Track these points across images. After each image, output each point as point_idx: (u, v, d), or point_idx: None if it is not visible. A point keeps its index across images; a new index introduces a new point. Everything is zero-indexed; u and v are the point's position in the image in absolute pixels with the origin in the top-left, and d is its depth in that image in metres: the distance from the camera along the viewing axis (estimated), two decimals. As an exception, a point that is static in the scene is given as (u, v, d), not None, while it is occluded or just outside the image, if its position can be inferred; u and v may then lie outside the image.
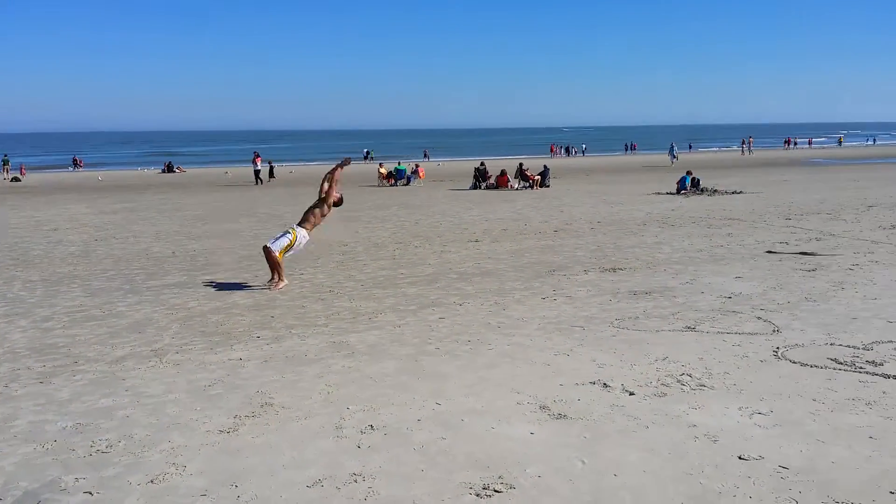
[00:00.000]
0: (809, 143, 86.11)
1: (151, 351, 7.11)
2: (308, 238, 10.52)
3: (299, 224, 10.50)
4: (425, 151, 71.67)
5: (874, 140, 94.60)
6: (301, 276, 11.03)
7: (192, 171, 51.29)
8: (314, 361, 6.64)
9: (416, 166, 36.74)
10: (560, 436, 4.79)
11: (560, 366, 6.31)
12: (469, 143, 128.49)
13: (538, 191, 28.83)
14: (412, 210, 21.67)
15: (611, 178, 36.94)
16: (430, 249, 13.59)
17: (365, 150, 69.40)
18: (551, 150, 73.08)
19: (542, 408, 5.29)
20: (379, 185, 33.57)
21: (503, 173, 30.60)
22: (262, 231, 16.47)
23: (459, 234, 15.84)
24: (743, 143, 68.71)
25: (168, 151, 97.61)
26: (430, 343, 7.17)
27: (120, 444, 4.84)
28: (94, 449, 4.76)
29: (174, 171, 50.38)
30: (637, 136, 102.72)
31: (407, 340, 7.30)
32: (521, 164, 31.95)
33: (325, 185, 10.62)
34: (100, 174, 50.19)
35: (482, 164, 32.51)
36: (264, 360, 6.71)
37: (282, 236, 10.29)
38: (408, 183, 34.14)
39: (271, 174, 38.55)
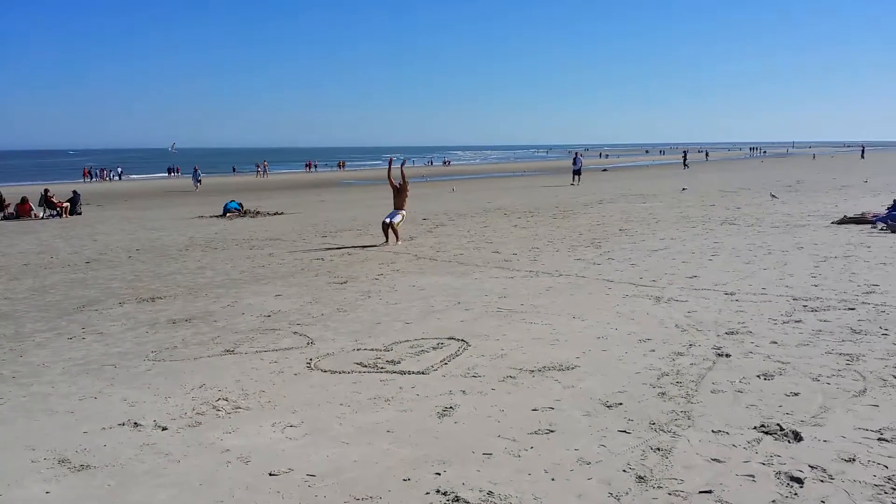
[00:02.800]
0: (342, 165, 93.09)
1: None
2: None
3: (398, 209, 15.70)
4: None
5: (408, 161, 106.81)
6: None
7: None
8: None
9: None
10: (81, 489, 4.32)
11: (86, 411, 5.74)
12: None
13: (68, 219, 26.22)
14: None
15: (154, 202, 35.44)
16: (-77, 295, 11.30)
17: None
18: (84, 174, 67.17)
19: (62, 462, 4.72)
20: None
21: (24, 201, 27.10)
22: None
23: (-35, 273, 13.50)
24: (258, 166, 71.52)
25: None
26: (-84, 410, 5.91)
27: None
28: None
29: None
30: (161, 160, 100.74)
31: None
32: (46, 191, 28.68)
33: (395, 183, 15.99)
34: None
35: (-4, 190, 28.34)
36: None
37: (395, 215, 15.57)
38: None
39: None
